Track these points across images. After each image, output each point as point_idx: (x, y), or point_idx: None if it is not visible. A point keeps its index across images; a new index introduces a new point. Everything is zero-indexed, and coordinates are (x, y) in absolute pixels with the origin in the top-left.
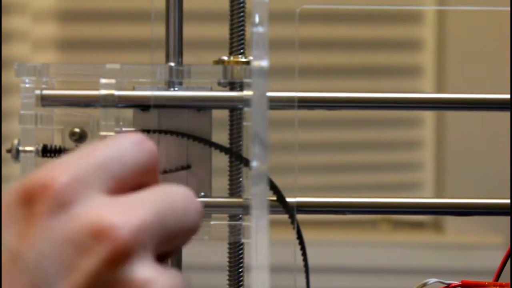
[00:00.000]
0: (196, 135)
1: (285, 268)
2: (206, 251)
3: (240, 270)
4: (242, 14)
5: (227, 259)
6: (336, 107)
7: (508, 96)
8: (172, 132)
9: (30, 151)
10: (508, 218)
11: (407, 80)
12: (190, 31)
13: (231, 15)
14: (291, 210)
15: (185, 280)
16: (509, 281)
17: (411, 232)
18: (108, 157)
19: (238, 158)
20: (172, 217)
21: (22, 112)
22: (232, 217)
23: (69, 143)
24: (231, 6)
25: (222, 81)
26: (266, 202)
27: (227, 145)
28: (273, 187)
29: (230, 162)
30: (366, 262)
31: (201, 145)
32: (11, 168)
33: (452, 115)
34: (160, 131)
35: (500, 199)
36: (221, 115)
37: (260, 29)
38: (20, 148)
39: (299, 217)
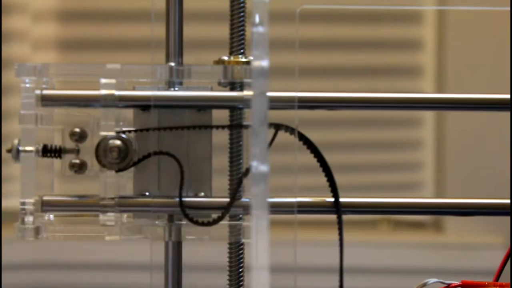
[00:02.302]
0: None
1: (285, 268)
2: (206, 251)
3: (240, 270)
4: (242, 14)
5: (227, 259)
6: (336, 107)
7: (508, 96)
8: (171, 128)
9: (30, 151)
10: (508, 218)
11: (407, 80)
12: (190, 31)
13: (231, 15)
14: (340, 210)
15: None
16: (509, 281)
17: (411, 232)
18: None
19: (237, 127)
20: None
21: (22, 112)
22: (232, 217)
23: (69, 143)
24: (231, 6)
25: (222, 81)
26: (266, 202)
27: (227, 145)
28: (332, 185)
29: (230, 162)
30: (366, 262)
31: (202, 145)
32: (11, 168)
33: (452, 115)
34: (159, 128)
35: (500, 199)
36: (221, 115)
37: (260, 29)
38: (20, 148)
39: (299, 217)
